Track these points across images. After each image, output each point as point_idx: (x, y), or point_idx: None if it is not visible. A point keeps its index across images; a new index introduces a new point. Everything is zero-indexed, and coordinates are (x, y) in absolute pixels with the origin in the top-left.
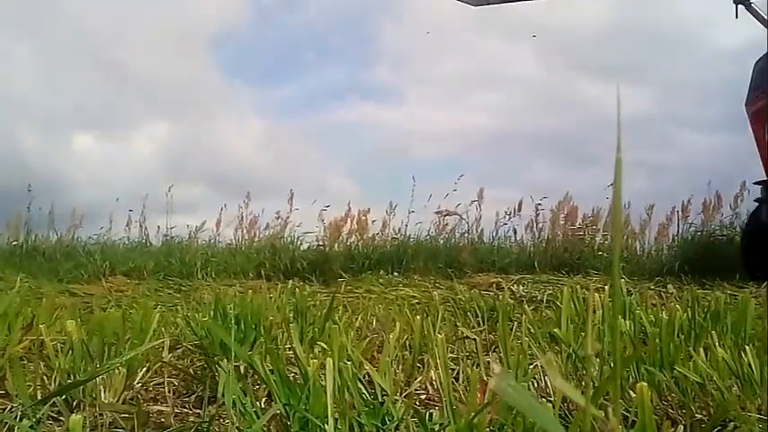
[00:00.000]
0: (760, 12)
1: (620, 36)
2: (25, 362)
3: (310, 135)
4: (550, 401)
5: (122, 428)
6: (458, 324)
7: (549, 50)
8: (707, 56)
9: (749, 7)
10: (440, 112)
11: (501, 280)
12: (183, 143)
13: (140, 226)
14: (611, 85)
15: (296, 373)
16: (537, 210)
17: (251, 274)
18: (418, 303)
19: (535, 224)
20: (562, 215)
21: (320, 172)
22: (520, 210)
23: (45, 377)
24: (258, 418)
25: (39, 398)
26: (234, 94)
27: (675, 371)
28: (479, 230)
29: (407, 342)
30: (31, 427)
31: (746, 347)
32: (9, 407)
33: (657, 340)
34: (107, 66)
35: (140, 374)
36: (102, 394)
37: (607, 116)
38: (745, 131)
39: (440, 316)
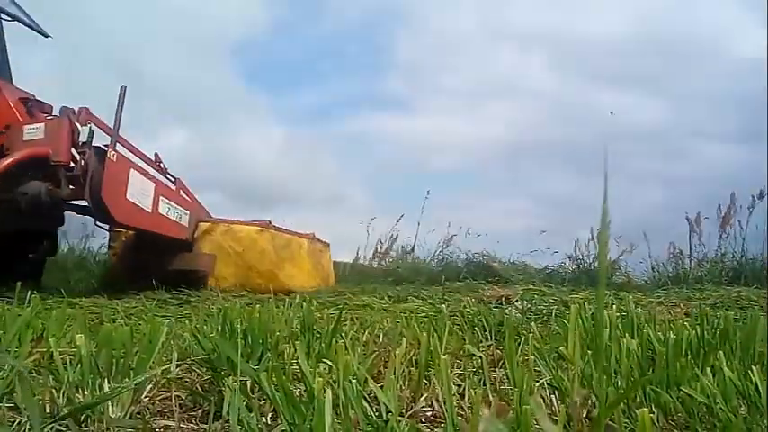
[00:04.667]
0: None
1: (635, 46)
2: (35, 374)
3: (325, 143)
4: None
5: None
6: (465, 339)
7: (562, 61)
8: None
9: None
10: (453, 122)
11: (510, 293)
12: (200, 150)
13: None
14: (625, 96)
15: (302, 389)
16: None
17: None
18: (425, 317)
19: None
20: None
21: (335, 181)
22: None
23: (54, 390)
24: None
25: (47, 411)
26: (250, 101)
27: (682, 391)
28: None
29: (414, 357)
30: None
31: (753, 368)
32: (18, 420)
33: (664, 359)
34: (126, 72)
35: (148, 388)
36: (110, 408)
37: (623, 126)
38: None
39: (447, 330)
